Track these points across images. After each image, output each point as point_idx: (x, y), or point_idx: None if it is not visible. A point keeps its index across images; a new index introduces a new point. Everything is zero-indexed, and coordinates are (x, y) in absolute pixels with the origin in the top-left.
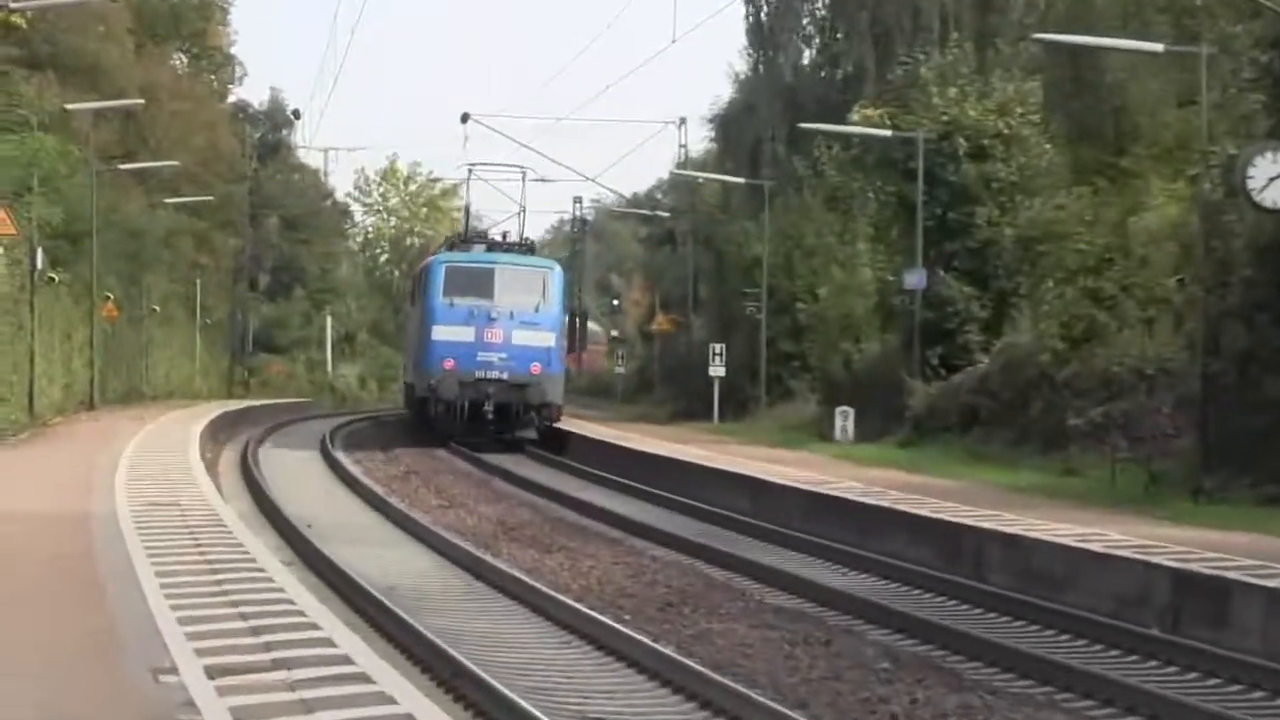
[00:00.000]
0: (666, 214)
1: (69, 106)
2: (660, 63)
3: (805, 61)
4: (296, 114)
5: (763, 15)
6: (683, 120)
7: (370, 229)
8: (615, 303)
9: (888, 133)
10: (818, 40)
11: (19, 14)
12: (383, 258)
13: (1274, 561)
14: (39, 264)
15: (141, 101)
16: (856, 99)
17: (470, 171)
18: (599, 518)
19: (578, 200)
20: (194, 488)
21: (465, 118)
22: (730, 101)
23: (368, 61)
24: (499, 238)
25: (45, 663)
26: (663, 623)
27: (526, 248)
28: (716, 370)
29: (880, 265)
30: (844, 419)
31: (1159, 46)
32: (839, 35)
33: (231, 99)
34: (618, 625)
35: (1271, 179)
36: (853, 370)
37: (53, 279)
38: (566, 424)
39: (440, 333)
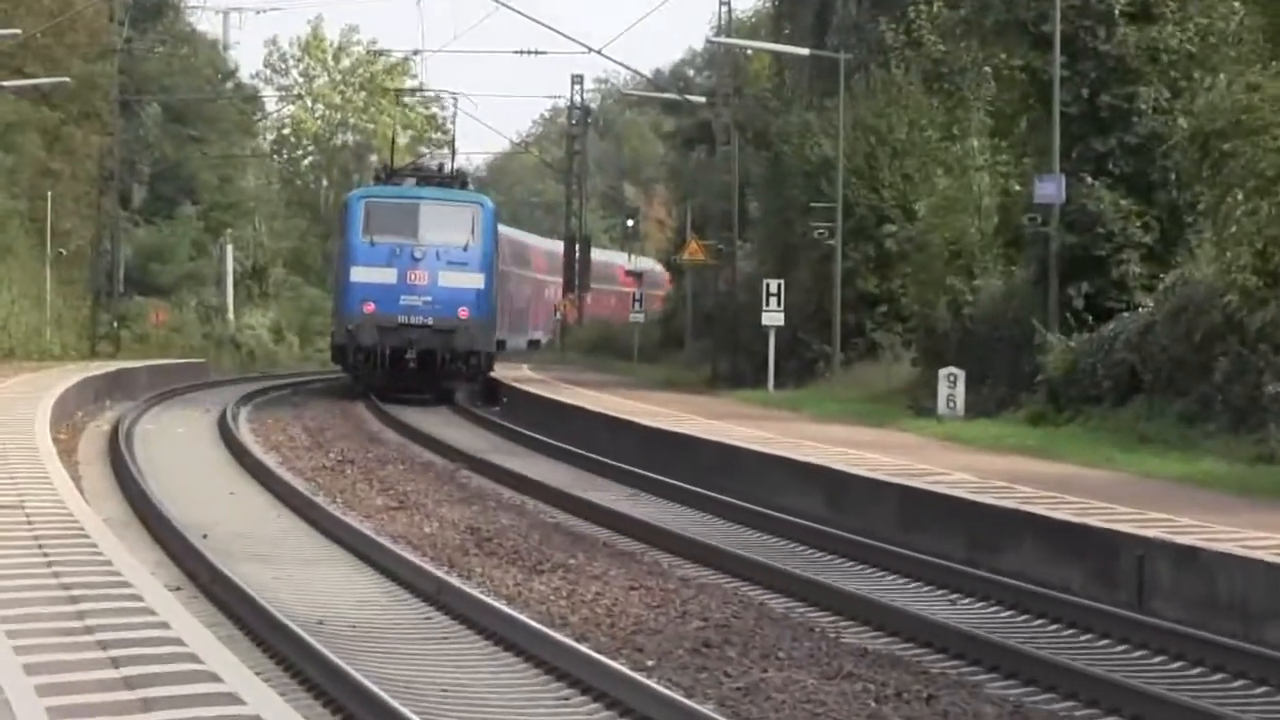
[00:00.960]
0: (701, 99)
1: None
2: None
3: None
4: None
5: None
6: None
7: (288, 122)
8: (630, 223)
9: None
10: None
11: None
12: (305, 161)
13: None
14: None
15: None
16: None
17: (399, 100)
18: (608, 524)
19: (577, 81)
20: (44, 484)
21: None
22: None
23: None
24: (435, 168)
25: None
26: (699, 671)
27: (459, 181)
28: (772, 318)
29: (1002, 170)
30: (951, 385)
31: None
32: None
33: None
34: (636, 675)
35: None
36: (963, 318)
37: None
38: (563, 395)
39: (359, 274)
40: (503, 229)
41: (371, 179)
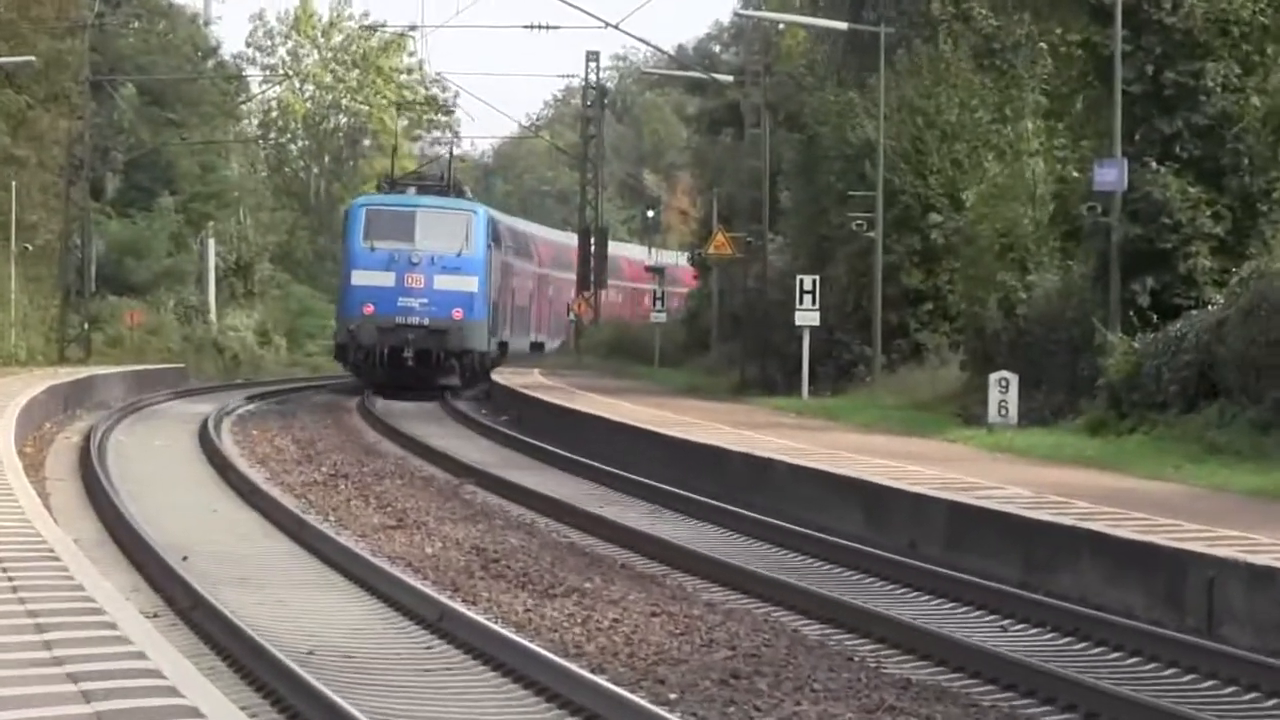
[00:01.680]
0: (728, 78)
1: None
2: None
3: None
4: None
5: None
6: None
7: (275, 104)
8: (650, 214)
9: None
10: None
11: None
12: (294, 147)
13: None
14: None
15: None
16: None
17: (399, 109)
18: (626, 544)
19: (592, 58)
20: (8, 502)
21: None
22: None
23: None
24: (437, 177)
25: None
26: (726, 704)
27: (456, 190)
28: (806, 317)
29: (1059, 155)
30: (1003, 391)
31: None
32: None
33: None
34: (658, 709)
35: None
36: (1016, 317)
37: None
38: (577, 402)
39: (359, 277)
40: (504, 219)
41: (376, 189)
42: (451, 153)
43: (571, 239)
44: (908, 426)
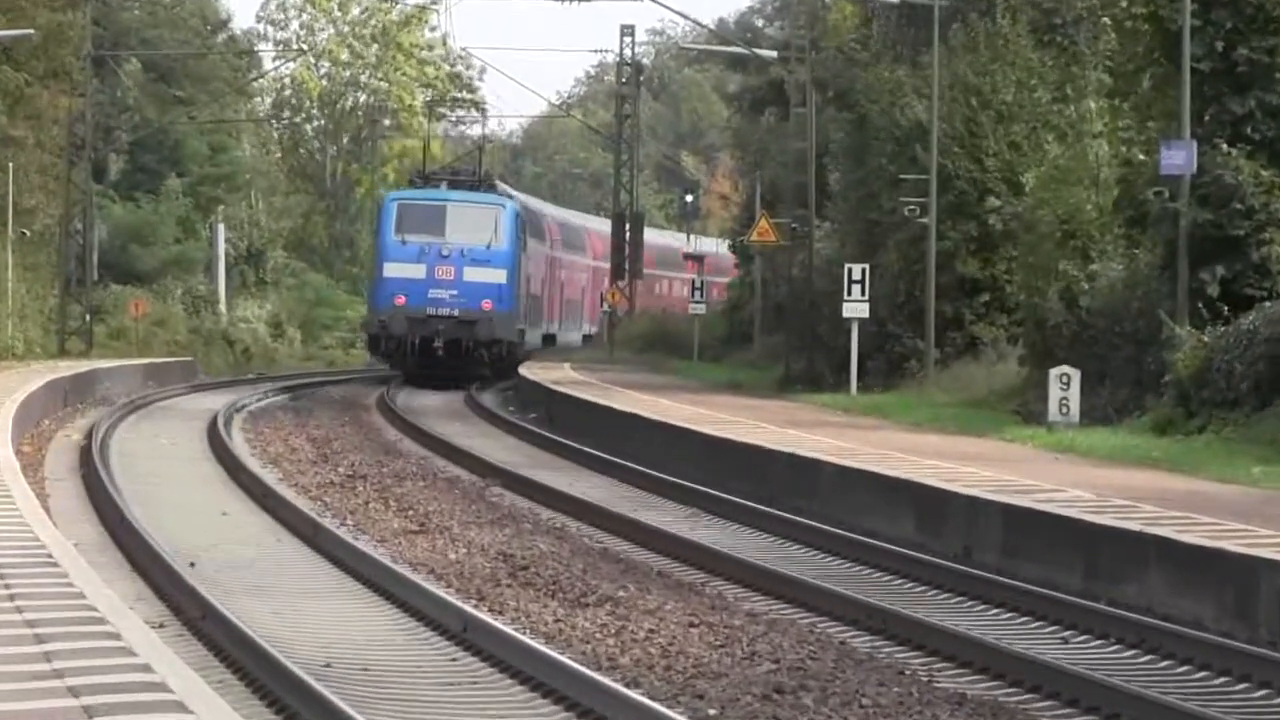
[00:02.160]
0: (772, 54)
1: None
2: None
3: None
4: None
5: None
6: None
7: (289, 81)
8: (689, 198)
9: None
10: None
11: None
12: (309, 127)
13: None
14: None
15: None
16: None
17: (430, 111)
18: (663, 550)
19: (627, 32)
20: (5, 504)
21: None
22: None
23: None
24: (469, 172)
25: None
26: None
27: (487, 184)
28: (855, 309)
29: (1124, 137)
30: (1064, 388)
31: None
32: None
33: None
34: None
35: None
36: (1078, 309)
37: None
38: (611, 399)
39: (391, 269)
40: (528, 200)
41: (409, 184)
42: (482, 148)
43: (588, 219)
44: (962, 425)
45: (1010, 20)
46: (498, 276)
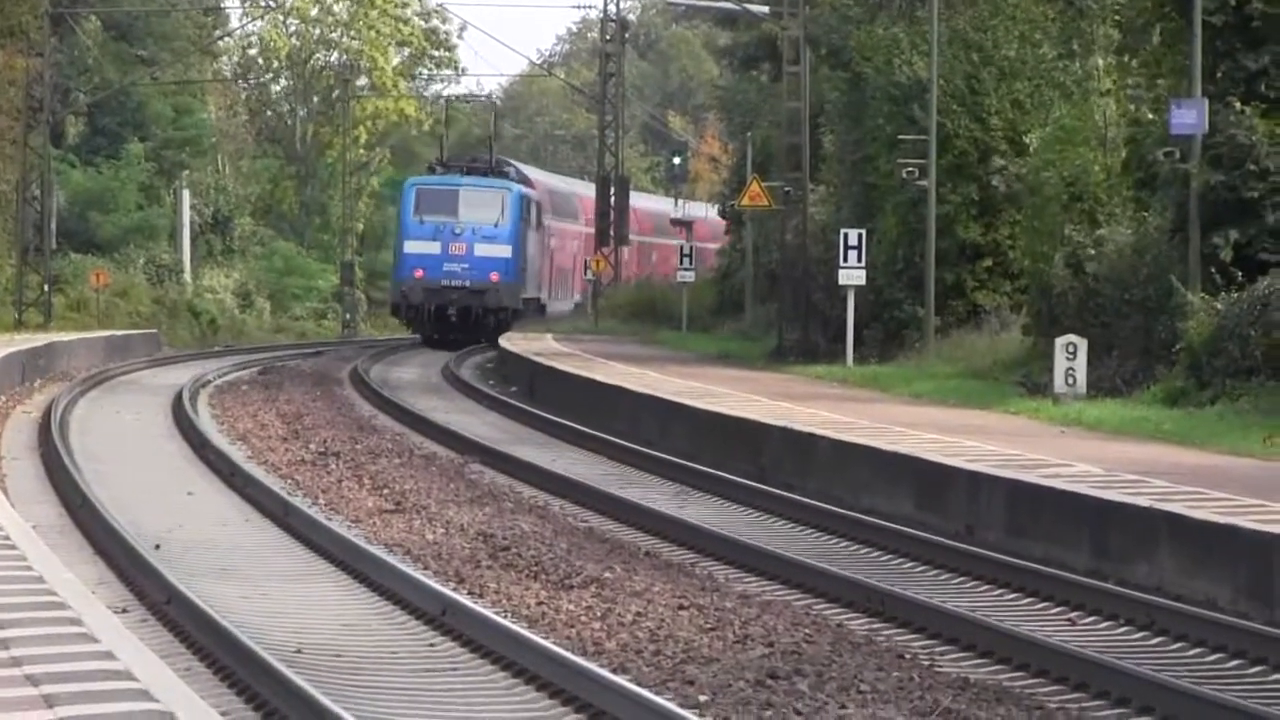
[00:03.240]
0: (763, 9)
1: None
2: None
3: None
4: None
5: None
6: None
7: (256, 40)
8: (676, 160)
9: None
10: None
11: None
12: (277, 88)
13: None
14: None
15: None
16: None
17: (446, 103)
18: (651, 529)
19: None
20: None
21: None
22: None
23: None
24: (484, 160)
25: None
26: (763, 707)
27: (497, 170)
28: (852, 275)
29: (1132, 95)
30: (1070, 358)
31: None
32: None
33: None
34: (686, 713)
35: None
36: (1085, 275)
37: None
38: (595, 371)
39: (411, 246)
40: (528, 172)
41: (427, 171)
42: (493, 140)
43: (581, 186)
44: (964, 397)
45: None
46: (504, 251)
